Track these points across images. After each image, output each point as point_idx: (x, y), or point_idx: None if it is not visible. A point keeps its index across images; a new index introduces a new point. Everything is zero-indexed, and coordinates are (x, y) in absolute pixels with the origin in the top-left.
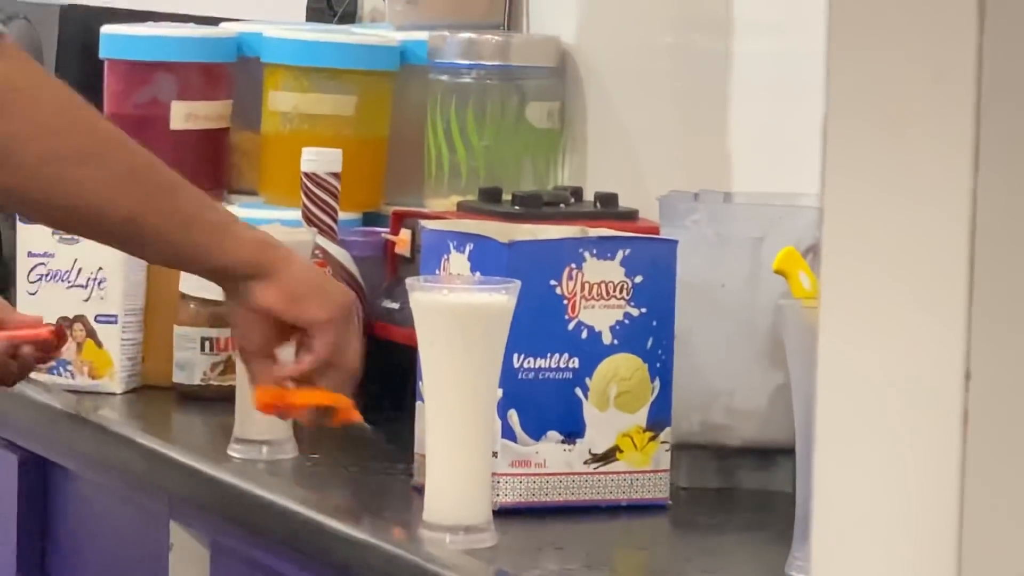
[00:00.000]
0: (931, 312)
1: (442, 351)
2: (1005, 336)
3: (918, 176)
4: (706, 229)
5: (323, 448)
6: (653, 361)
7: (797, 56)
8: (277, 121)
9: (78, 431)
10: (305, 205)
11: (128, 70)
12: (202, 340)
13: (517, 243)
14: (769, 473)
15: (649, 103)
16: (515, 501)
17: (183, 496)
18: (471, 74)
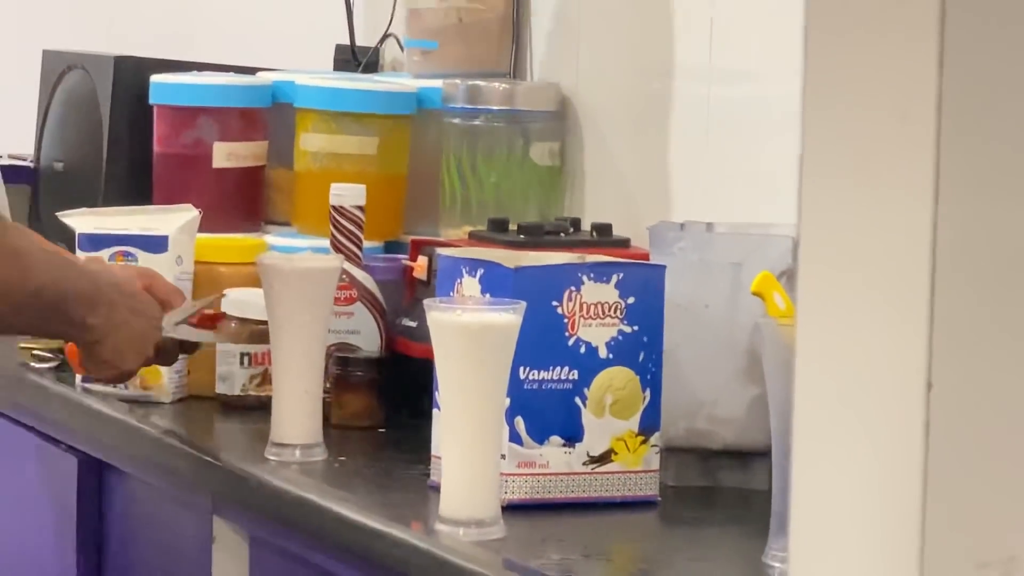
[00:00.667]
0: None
1: (456, 364)
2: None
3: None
4: (691, 255)
5: (350, 451)
6: (644, 373)
7: (770, 100)
8: (308, 160)
9: (131, 436)
10: (333, 234)
11: (175, 114)
12: (241, 355)
13: (523, 268)
14: (747, 473)
15: (640, 143)
16: (521, 498)
17: (225, 494)
18: (480, 117)
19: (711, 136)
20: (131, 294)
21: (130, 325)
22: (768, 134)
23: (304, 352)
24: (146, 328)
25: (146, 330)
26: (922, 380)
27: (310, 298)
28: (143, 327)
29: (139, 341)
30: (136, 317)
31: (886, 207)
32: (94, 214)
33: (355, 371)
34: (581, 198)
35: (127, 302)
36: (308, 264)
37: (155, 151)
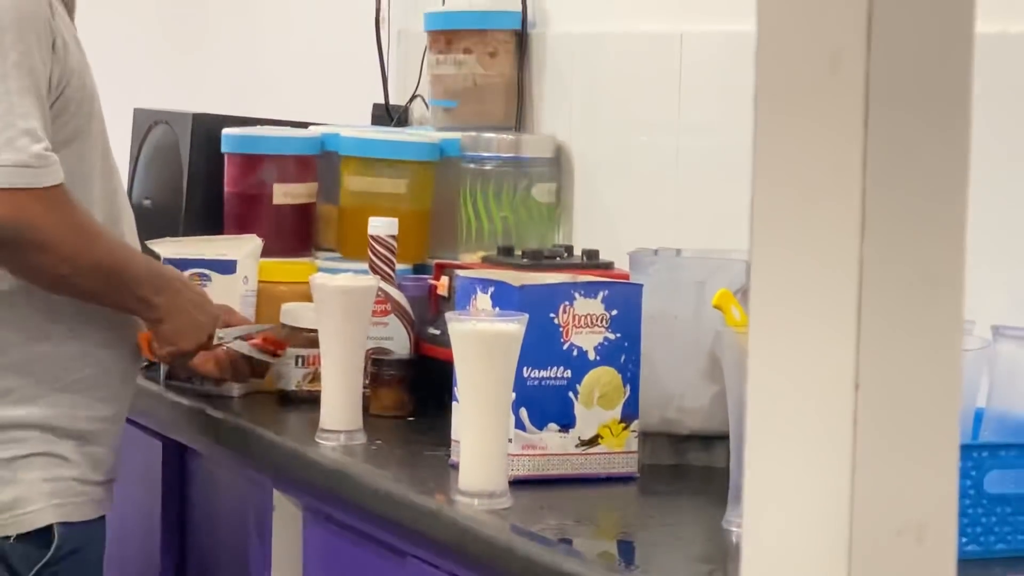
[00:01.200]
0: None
1: (471, 365)
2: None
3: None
4: (663, 275)
5: (384, 436)
6: (625, 372)
7: (729, 149)
8: (350, 198)
9: (206, 424)
10: (371, 259)
11: (242, 161)
12: (296, 357)
13: (526, 286)
14: (711, 454)
15: (622, 183)
16: (525, 474)
17: (282, 472)
18: (492, 163)
19: (680, 178)
20: (194, 290)
21: (190, 313)
22: (727, 176)
23: (347, 355)
24: (204, 320)
25: (204, 322)
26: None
27: (352, 311)
28: (201, 319)
29: (196, 328)
30: (195, 309)
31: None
32: (176, 242)
33: (389, 370)
34: (574, 229)
35: (189, 295)
36: (351, 283)
37: (226, 191)
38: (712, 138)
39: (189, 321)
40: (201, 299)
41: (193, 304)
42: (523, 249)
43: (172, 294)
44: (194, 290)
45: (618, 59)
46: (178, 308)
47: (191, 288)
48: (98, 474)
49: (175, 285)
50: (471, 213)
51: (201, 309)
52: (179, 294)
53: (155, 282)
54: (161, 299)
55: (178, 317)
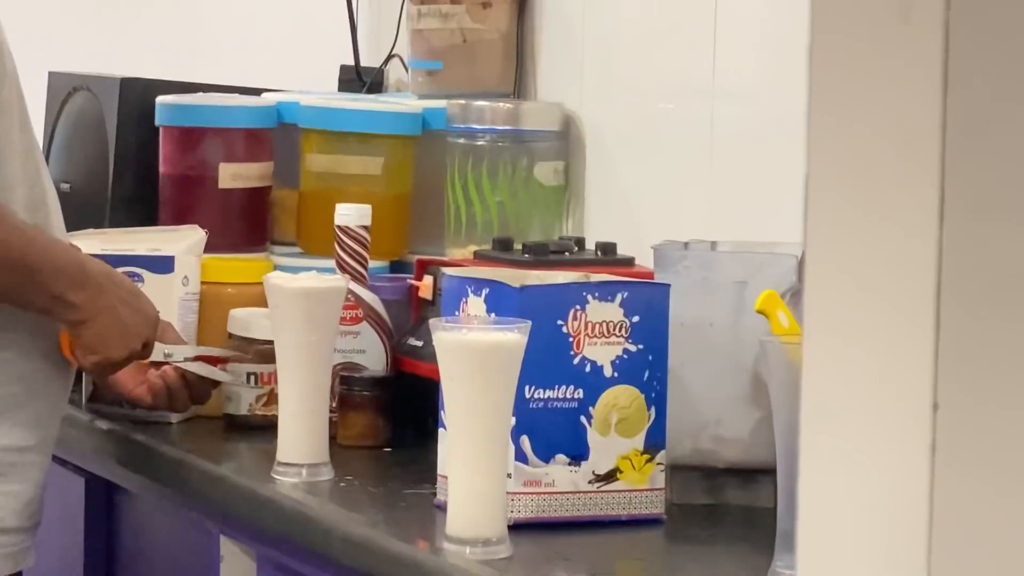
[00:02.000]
0: (902, 348)
1: (462, 384)
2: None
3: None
4: (695, 274)
5: (356, 471)
6: (649, 392)
7: (774, 118)
8: (313, 180)
9: (138, 456)
10: (338, 255)
11: (181, 136)
12: (248, 375)
13: (528, 287)
14: (752, 491)
15: (644, 161)
16: (527, 517)
17: (232, 513)
18: (485, 137)
19: (715, 154)
20: (123, 285)
21: (117, 312)
22: (772, 152)
23: (310, 372)
24: (136, 321)
25: (136, 323)
26: (928, 400)
27: (316, 318)
28: (132, 319)
29: (125, 332)
30: (125, 307)
31: (892, 226)
32: (100, 235)
33: (360, 391)
34: (585, 217)
35: (117, 291)
36: (313, 284)
37: (161, 172)
38: (755, 105)
39: (117, 323)
40: (133, 297)
41: (123, 303)
42: (524, 242)
43: (95, 291)
44: (125, 287)
45: (639, 9)
46: (104, 308)
47: (121, 284)
48: (17, 519)
49: (99, 280)
50: (460, 198)
51: (133, 309)
52: (104, 291)
53: (75, 276)
54: (82, 296)
55: (104, 318)
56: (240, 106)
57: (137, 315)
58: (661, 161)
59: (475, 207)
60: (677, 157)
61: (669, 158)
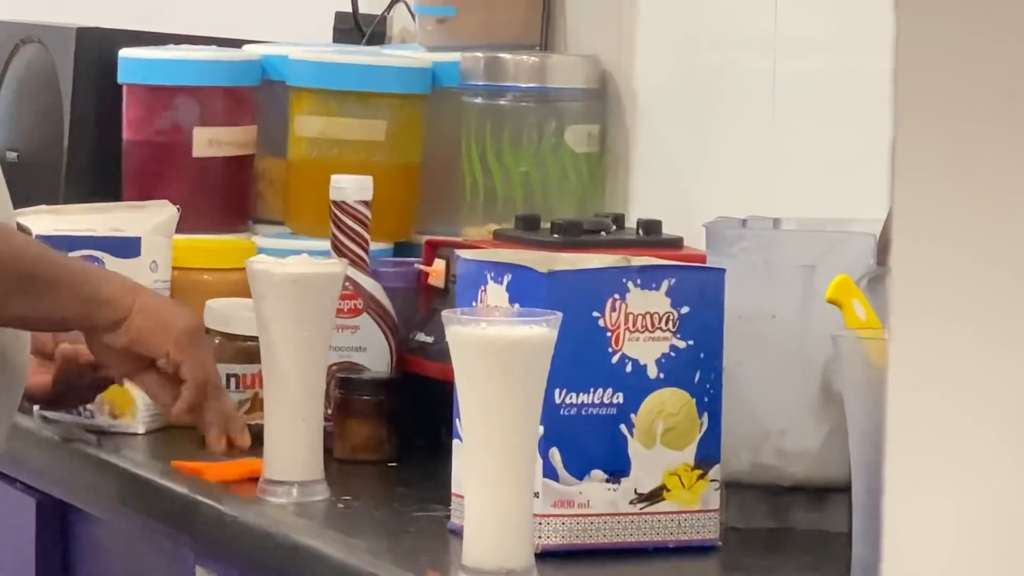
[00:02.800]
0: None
1: (480, 387)
2: None
3: (992, 201)
4: (755, 257)
5: (356, 489)
6: (701, 396)
7: (847, 74)
8: (304, 147)
9: (98, 473)
10: (334, 235)
11: (148, 95)
12: (227, 377)
13: (557, 273)
14: (823, 513)
15: (694, 125)
16: (558, 543)
17: (209, 541)
18: (506, 96)
19: (777, 116)
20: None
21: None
22: (846, 113)
23: (301, 373)
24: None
25: (175, 307)
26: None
27: (307, 310)
28: (171, 305)
29: (169, 317)
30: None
31: (995, 201)
32: (54, 212)
33: (361, 395)
34: (625, 190)
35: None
36: (305, 270)
37: (124, 138)
38: (825, 57)
39: (160, 309)
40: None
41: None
42: (553, 220)
43: (120, 280)
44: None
45: None
46: (140, 294)
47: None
48: None
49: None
50: (477, 168)
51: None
52: (126, 280)
53: (96, 272)
54: (114, 288)
55: (145, 307)
56: (217, 60)
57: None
58: (714, 124)
59: (495, 178)
60: (733, 119)
61: (723, 120)
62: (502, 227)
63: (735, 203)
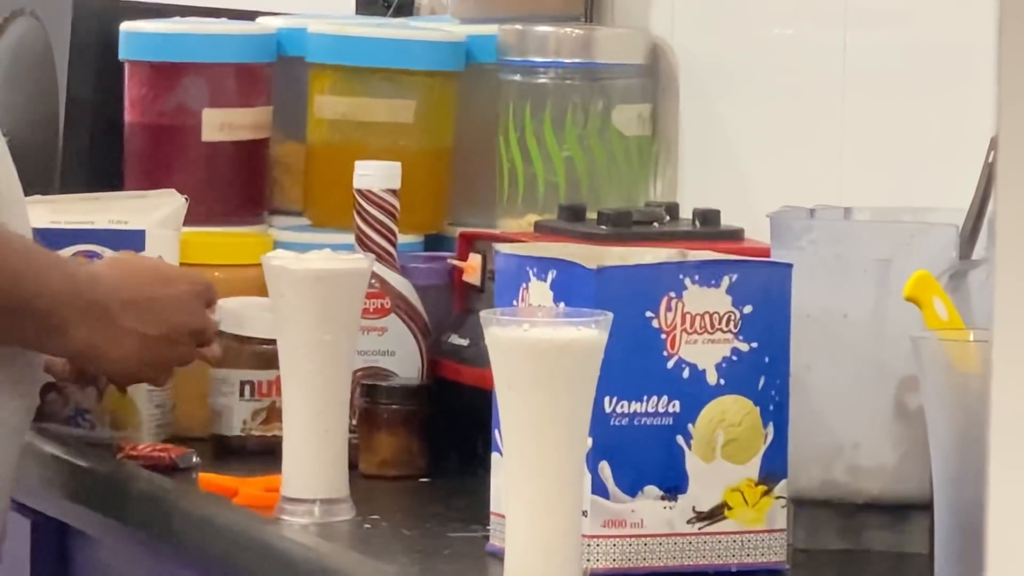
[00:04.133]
0: None
1: (522, 395)
2: None
3: None
4: (824, 250)
5: (384, 508)
6: (765, 404)
7: (925, 49)
8: (325, 130)
9: (100, 490)
10: (358, 227)
11: (152, 73)
12: (241, 384)
13: (607, 269)
14: (901, 533)
15: (754, 104)
16: (608, 567)
17: (223, 564)
18: (548, 74)
19: (847, 94)
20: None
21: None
22: (923, 91)
23: (323, 380)
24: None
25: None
26: None
27: (330, 310)
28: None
29: (146, 359)
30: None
31: None
32: (48, 203)
33: (389, 404)
34: (680, 176)
35: (132, 311)
36: (327, 266)
37: (127, 120)
38: (901, 31)
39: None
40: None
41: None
42: (600, 210)
43: (98, 317)
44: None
45: None
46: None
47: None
48: None
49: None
50: (516, 153)
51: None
52: (110, 315)
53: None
54: (83, 330)
55: (114, 349)
56: (228, 35)
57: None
58: (777, 104)
59: (535, 165)
60: (798, 98)
61: (787, 99)
62: (544, 218)
63: (801, 191)
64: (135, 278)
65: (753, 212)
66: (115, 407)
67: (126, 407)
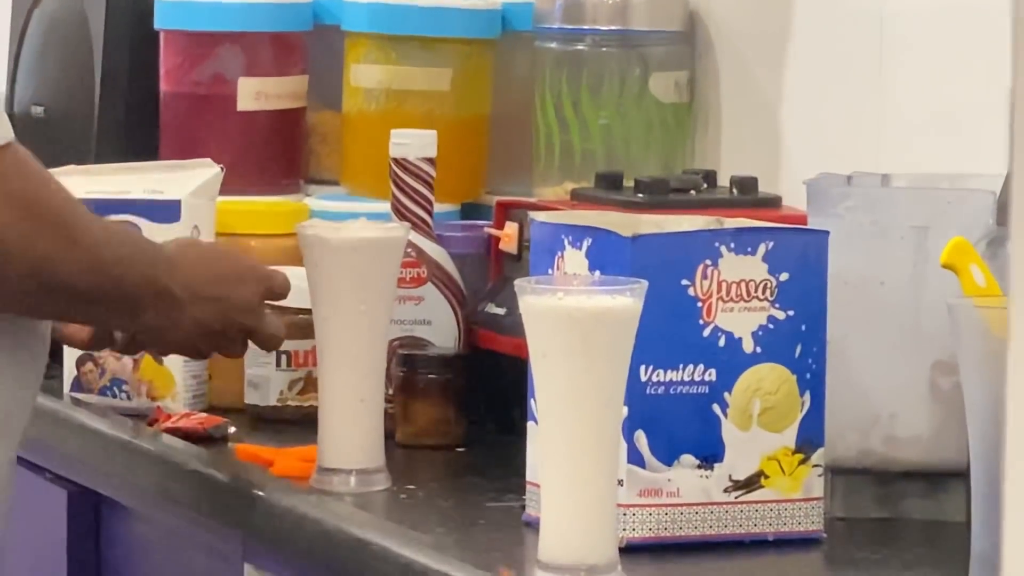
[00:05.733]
0: None
1: (558, 363)
2: None
3: None
4: (862, 217)
5: (420, 478)
6: (802, 372)
7: (964, 12)
8: (361, 99)
9: (136, 461)
10: (395, 196)
11: (187, 42)
12: (278, 355)
13: (642, 237)
14: (939, 501)
15: (792, 71)
16: (644, 536)
17: (259, 535)
18: (585, 41)
19: (885, 59)
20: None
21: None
22: (962, 56)
23: (359, 350)
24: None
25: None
26: None
27: (366, 279)
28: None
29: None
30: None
31: None
32: (84, 173)
33: (426, 373)
34: (717, 144)
35: (199, 302)
36: (363, 235)
37: (162, 90)
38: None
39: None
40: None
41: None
42: (636, 178)
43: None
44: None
45: None
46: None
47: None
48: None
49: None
50: (553, 121)
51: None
52: (179, 305)
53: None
54: (151, 316)
55: (176, 332)
56: (265, 3)
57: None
58: (814, 70)
59: (572, 132)
60: (835, 64)
61: (825, 65)
62: (580, 186)
63: (839, 158)
64: (208, 271)
65: (790, 179)
66: (151, 377)
67: (162, 377)
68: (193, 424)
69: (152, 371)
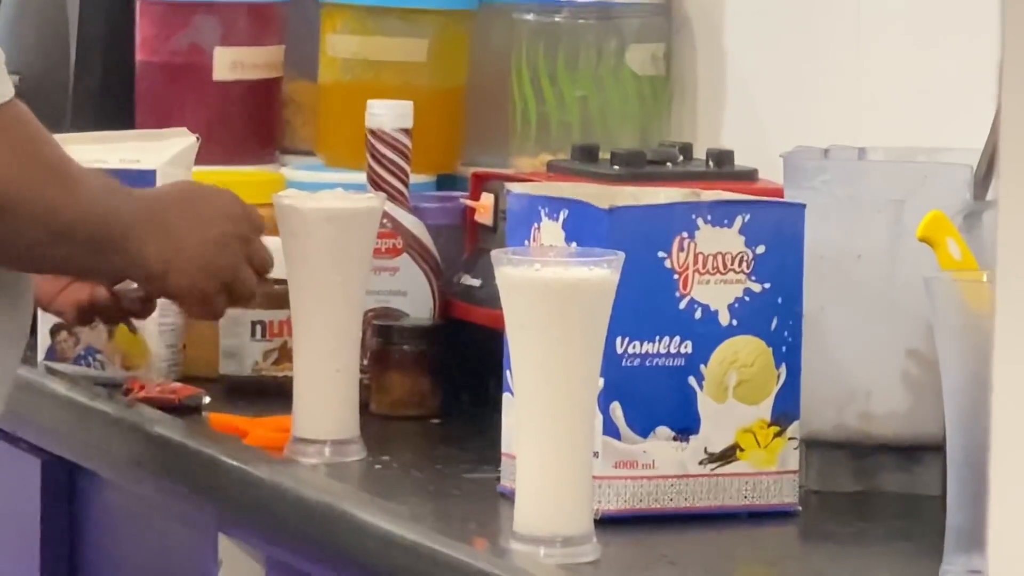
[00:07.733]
0: None
1: (534, 335)
2: None
3: None
4: (838, 191)
5: (395, 449)
6: (778, 344)
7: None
8: (337, 69)
9: (110, 431)
10: (370, 167)
11: (164, 11)
12: (252, 324)
13: (619, 209)
14: (914, 474)
15: (769, 44)
16: (619, 508)
17: (233, 505)
18: (561, 12)
19: (862, 33)
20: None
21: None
22: (939, 30)
23: (334, 320)
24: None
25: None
26: None
27: (341, 250)
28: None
29: (210, 263)
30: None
31: None
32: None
33: (401, 344)
34: (693, 117)
35: (184, 220)
36: (338, 205)
37: (138, 59)
38: None
39: (197, 258)
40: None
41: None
42: (613, 150)
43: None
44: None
45: None
46: (177, 246)
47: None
48: None
49: (163, 216)
50: (529, 92)
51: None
52: (169, 227)
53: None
54: (153, 245)
55: (182, 259)
56: None
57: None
58: (791, 43)
59: (548, 104)
60: (812, 37)
61: (802, 39)
62: (557, 158)
63: (815, 131)
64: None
65: (767, 152)
66: (125, 347)
67: (136, 347)
68: (167, 394)
69: (127, 341)
